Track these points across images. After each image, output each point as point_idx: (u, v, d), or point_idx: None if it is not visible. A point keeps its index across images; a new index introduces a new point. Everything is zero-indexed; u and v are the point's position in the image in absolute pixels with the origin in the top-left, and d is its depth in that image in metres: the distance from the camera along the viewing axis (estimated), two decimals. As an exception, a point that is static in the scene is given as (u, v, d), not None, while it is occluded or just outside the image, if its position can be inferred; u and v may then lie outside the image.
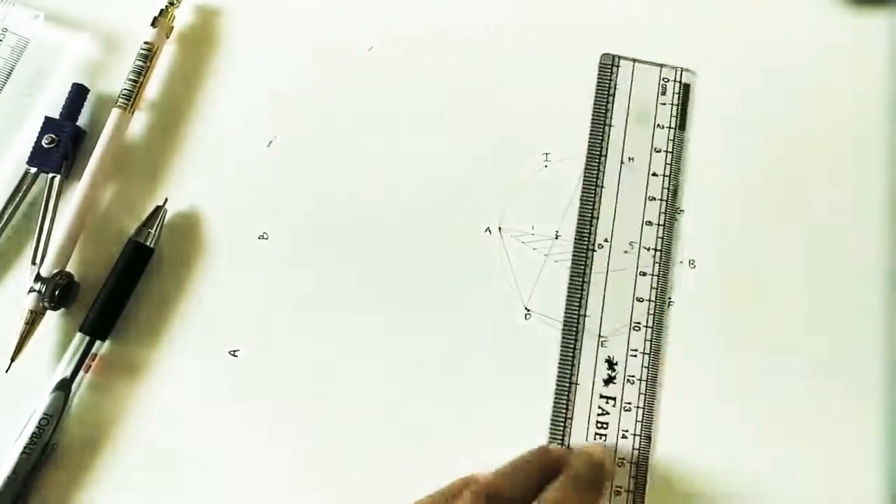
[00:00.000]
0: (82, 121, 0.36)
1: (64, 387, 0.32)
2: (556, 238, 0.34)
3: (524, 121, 0.35)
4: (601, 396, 0.32)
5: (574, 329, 0.33)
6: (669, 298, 0.33)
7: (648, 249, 0.33)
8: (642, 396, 0.32)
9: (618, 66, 0.35)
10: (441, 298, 0.34)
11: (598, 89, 0.35)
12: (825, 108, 0.35)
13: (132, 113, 0.35)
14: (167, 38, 0.36)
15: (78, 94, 0.36)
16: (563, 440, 0.32)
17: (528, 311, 0.33)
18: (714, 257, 0.34)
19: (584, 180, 0.34)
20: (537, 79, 0.36)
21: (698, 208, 0.34)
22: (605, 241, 0.33)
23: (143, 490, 0.32)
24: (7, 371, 0.32)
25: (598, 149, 0.34)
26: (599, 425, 0.32)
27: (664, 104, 0.35)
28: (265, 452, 0.32)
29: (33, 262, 0.33)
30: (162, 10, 0.36)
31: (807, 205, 0.34)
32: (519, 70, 0.36)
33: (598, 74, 0.35)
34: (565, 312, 0.33)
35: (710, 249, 0.34)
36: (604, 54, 0.35)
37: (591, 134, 0.34)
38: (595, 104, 0.35)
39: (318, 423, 0.32)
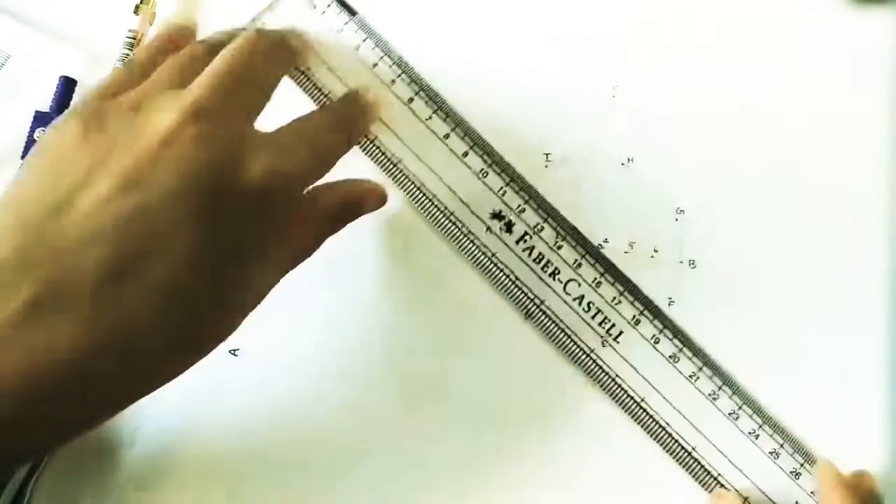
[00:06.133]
0: (72, 114, 0.35)
1: (62, 387, 0.32)
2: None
3: (524, 121, 0.35)
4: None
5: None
6: (670, 298, 0.33)
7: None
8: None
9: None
10: (441, 298, 0.34)
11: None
12: (825, 107, 0.35)
13: (123, 102, 0.35)
14: (150, 24, 0.36)
15: (66, 87, 0.35)
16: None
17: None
18: (714, 257, 0.34)
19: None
20: (538, 79, 0.35)
21: (698, 208, 0.34)
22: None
23: (142, 490, 0.32)
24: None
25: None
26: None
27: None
28: (264, 452, 0.32)
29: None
30: (141, -3, 0.36)
31: (807, 204, 0.34)
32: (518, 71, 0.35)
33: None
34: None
35: (710, 249, 0.34)
36: None
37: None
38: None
39: (317, 423, 0.33)
